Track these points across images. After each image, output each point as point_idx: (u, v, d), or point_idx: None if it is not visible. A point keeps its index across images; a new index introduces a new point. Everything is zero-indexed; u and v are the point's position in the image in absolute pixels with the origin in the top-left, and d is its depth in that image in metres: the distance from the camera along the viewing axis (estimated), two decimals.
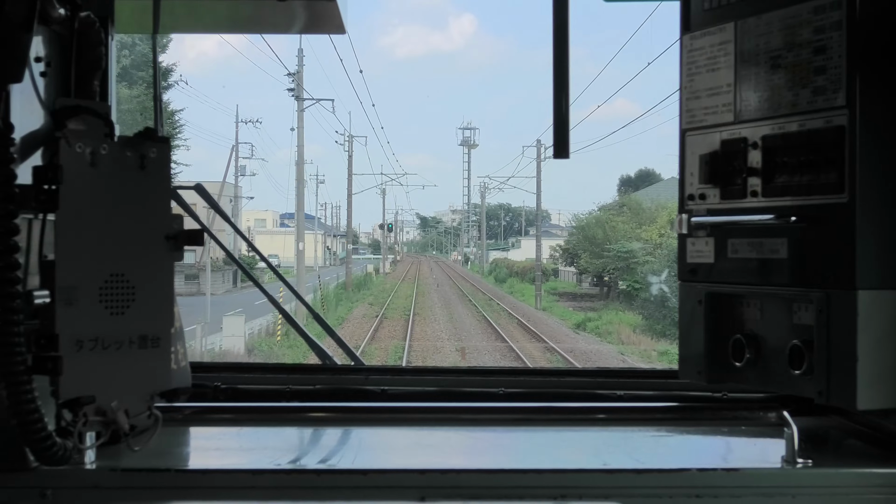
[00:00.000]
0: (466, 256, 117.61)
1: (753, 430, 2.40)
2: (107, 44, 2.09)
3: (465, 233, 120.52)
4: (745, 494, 1.96)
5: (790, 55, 1.99)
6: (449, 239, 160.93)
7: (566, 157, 2.36)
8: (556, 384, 2.67)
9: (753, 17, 2.07)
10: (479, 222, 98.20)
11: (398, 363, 20.63)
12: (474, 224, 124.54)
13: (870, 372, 1.85)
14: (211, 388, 2.52)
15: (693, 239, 2.19)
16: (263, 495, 1.94)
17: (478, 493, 1.95)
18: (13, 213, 1.67)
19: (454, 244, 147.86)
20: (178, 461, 2.18)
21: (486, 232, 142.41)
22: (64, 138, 1.77)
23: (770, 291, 2.05)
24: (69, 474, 1.89)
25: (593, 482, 1.97)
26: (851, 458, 2.18)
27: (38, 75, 1.91)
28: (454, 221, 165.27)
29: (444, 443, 2.44)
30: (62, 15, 1.92)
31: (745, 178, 2.06)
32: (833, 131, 1.89)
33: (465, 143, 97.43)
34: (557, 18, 2.31)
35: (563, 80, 2.32)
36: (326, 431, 2.48)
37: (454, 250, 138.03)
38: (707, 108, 2.17)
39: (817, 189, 1.92)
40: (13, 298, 1.65)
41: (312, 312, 3.45)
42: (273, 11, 2.68)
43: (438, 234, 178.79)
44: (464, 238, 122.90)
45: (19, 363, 1.66)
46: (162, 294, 1.92)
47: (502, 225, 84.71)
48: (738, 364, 2.11)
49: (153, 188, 1.90)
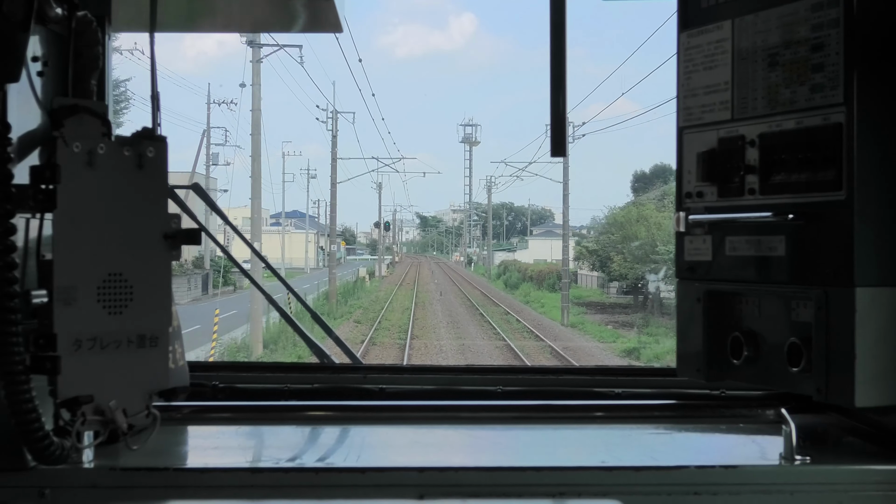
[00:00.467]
0: (469, 257, 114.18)
1: (752, 427, 2.40)
2: (104, 43, 2.09)
3: (467, 232, 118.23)
4: (744, 491, 1.96)
5: (788, 53, 1.99)
6: (450, 239, 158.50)
7: (564, 156, 2.37)
8: (555, 382, 2.67)
9: (751, 14, 2.07)
10: (486, 219, 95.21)
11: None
12: (475, 224, 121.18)
13: (868, 369, 1.86)
14: (209, 387, 2.52)
15: (691, 237, 2.19)
16: (262, 494, 1.94)
17: (476, 491, 1.95)
18: (11, 213, 1.67)
19: (455, 244, 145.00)
20: (176, 460, 2.18)
21: (469, 233, 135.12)
22: (61, 138, 1.77)
23: (768, 289, 2.05)
24: (67, 473, 1.89)
25: (592, 480, 1.97)
26: (850, 455, 2.18)
27: (35, 75, 1.91)
28: (455, 221, 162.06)
29: (442, 441, 2.44)
30: (59, 14, 1.92)
31: (742, 176, 2.06)
32: (831, 129, 1.89)
33: (467, 140, 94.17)
34: (555, 18, 2.31)
35: (561, 79, 2.32)
36: (325, 430, 2.48)
37: (455, 250, 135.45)
38: (704, 106, 2.17)
39: (815, 186, 1.92)
40: (11, 298, 1.65)
41: (312, 312, 3.46)
42: (271, 10, 2.68)
43: (439, 234, 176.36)
44: (465, 238, 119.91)
45: (17, 363, 1.66)
46: (160, 293, 1.92)
47: (504, 225, 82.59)
48: (736, 362, 2.11)
49: (151, 187, 1.90)
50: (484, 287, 60.88)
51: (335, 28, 2.76)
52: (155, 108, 2.13)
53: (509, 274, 69.47)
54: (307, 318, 3.82)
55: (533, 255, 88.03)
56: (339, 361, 2.95)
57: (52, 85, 1.97)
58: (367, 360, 27.48)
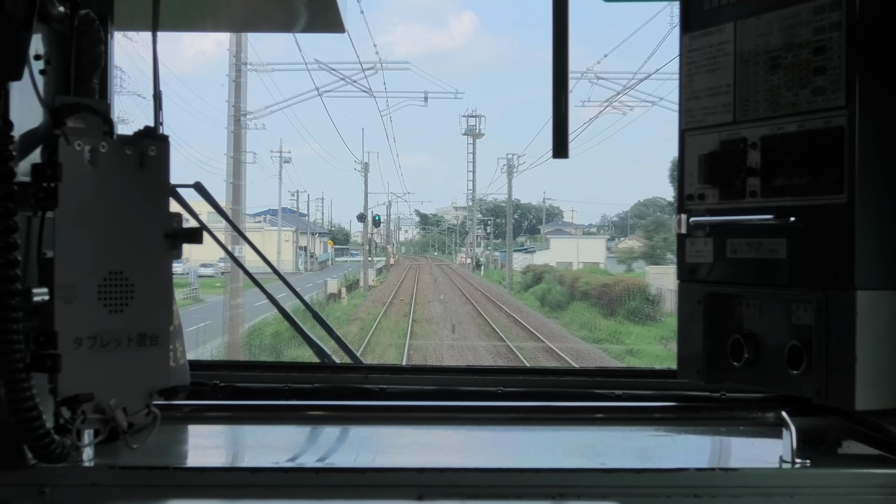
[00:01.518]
0: (477, 260, 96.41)
1: (752, 430, 2.40)
2: (106, 42, 2.09)
3: (473, 231, 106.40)
4: (744, 494, 1.96)
5: (790, 55, 1.99)
6: (452, 238, 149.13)
7: (565, 157, 2.37)
8: (555, 383, 2.67)
9: (753, 17, 2.07)
10: (499, 212, 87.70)
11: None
12: (480, 223, 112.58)
13: (868, 372, 1.85)
14: (209, 386, 2.53)
15: (692, 239, 2.19)
16: (262, 493, 1.94)
17: (476, 492, 1.95)
18: (12, 211, 1.67)
19: (459, 244, 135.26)
20: (176, 459, 2.18)
21: (492, 231, 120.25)
22: (63, 136, 1.77)
23: (769, 292, 2.05)
24: (67, 472, 1.89)
25: (592, 482, 1.97)
26: (850, 458, 2.18)
27: (37, 73, 1.91)
28: (457, 219, 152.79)
29: (442, 442, 2.44)
30: (62, 13, 1.92)
31: (744, 179, 2.06)
32: (832, 132, 1.89)
33: (470, 132, 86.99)
34: (557, 17, 2.31)
35: (563, 79, 2.32)
36: (325, 430, 2.48)
37: (460, 251, 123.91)
38: (706, 109, 2.17)
39: (817, 189, 1.92)
40: (12, 296, 1.65)
41: (312, 312, 3.45)
42: (272, 10, 2.68)
43: (440, 233, 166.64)
44: (472, 236, 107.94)
45: (18, 361, 1.66)
46: (161, 292, 1.93)
47: (511, 222, 77.73)
48: (736, 364, 2.11)
49: (152, 186, 1.90)
50: (509, 304, 40.80)
51: (337, 28, 2.76)
52: (157, 107, 2.13)
53: (548, 286, 45.22)
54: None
55: (555, 256, 72.83)
56: (340, 361, 2.95)
57: (54, 83, 1.97)
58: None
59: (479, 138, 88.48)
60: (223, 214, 3.40)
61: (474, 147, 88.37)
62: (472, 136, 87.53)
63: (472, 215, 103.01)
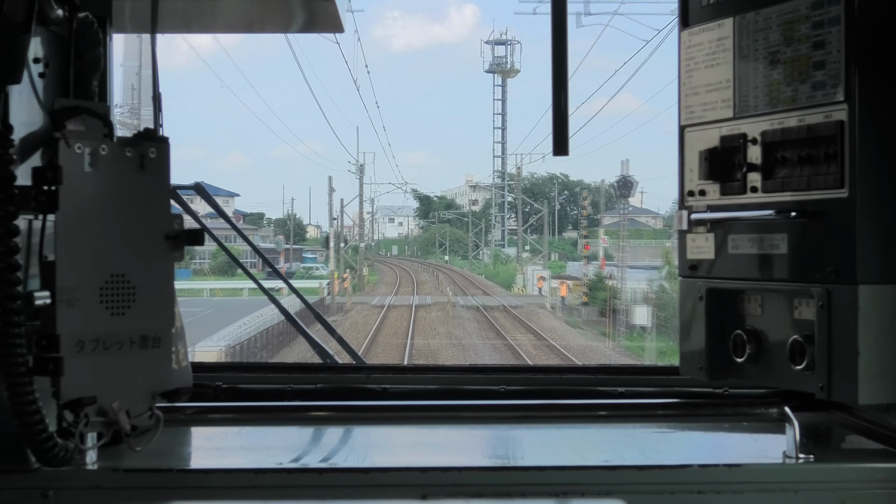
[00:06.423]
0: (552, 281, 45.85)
1: (755, 425, 2.40)
2: (105, 44, 2.09)
3: (515, 217, 69.85)
4: (747, 490, 1.96)
5: (789, 50, 1.99)
6: (470, 230, 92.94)
7: (565, 155, 2.36)
8: (558, 381, 2.67)
9: (752, 12, 2.07)
10: (545, 187, 51.11)
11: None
12: (511, 208, 75.64)
13: (871, 367, 1.85)
14: (212, 388, 2.52)
15: (693, 235, 2.19)
16: (265, 495, 1.94)
17: (480, 490, 1.95)
18: (13, 215, 1.67)
19: (485, 239, 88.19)
20: (179, 461, 2.18)
21: (521, 220, 70.99)
22: (63, 139, 1.77)
23: (771, 287, 2.05)
24: (71, 475, 1.89)
25: (595, 479, 1.97)
26: (853, 453, 2.18)
27: (36, 76, 1.91)
28: (475, 204, 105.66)
29: (445, 441, 2.44)
30: (60, 16, 1.92)
31: (744, 174, 2.06)
32: (832, 126, 1.89)
33: (498, 68, 58.03)
34: (556, 14, 2.31)
35: (562, 76, 2.32)
36: (328, 430, 2.48)
37: (525, 259, 68.02)
38: (706, 104, 2.17)
39: (817, 184, 1.92)
40: (14, 299, 1.65)
41: (313, 312, 3.45)
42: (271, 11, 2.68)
43: (451, 226, 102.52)
44: (545, 230, 67.50)
45: (20, 364, 1.66)
46: (162, 294, 1.92)
47: (556, 209, 50.74)
48: (739, 360, 2.11)
49: (153, 188, 1.90)
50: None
51: (336, 28, 2.76)
52: (157, 109, 2.13)
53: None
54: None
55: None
56: (342, 361, 2.95)
57: (54, 86, 1.97)
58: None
59: (511, 77, 57.91)
60: (223, 214, 3.41)
61: (503, 92, 58.61)
62: (502, 74, 60.10)
63: (516, 192, 67.53)
